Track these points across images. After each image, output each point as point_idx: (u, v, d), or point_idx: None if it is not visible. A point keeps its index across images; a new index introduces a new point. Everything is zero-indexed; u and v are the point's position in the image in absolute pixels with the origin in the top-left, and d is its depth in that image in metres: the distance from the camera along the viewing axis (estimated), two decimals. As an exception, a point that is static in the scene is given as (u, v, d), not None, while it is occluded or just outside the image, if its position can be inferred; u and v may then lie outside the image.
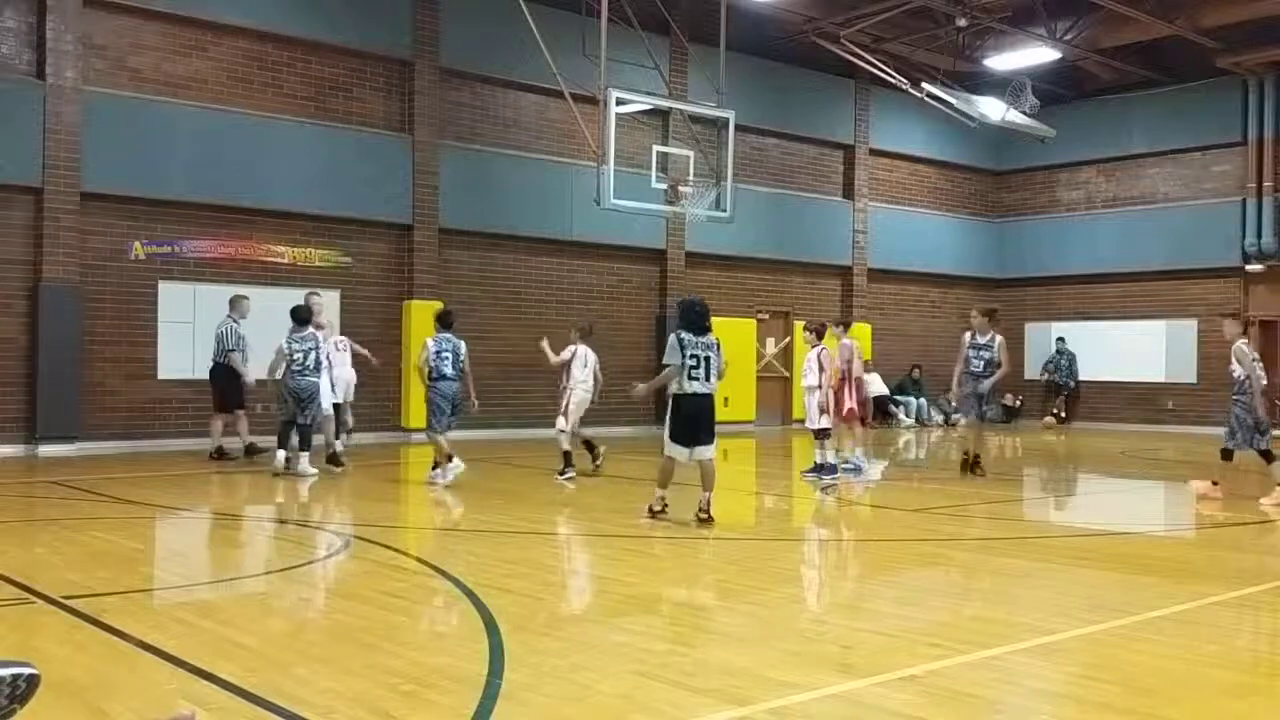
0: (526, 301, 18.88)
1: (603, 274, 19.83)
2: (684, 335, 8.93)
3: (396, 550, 7.81)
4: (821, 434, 12.73)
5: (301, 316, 12.36)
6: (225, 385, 13.77)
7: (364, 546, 7.86)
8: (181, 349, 15.34)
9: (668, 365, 8.95)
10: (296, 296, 15.53)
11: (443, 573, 6.84)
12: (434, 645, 5.14)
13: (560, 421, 12.32)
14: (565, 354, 12.41)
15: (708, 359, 8.95)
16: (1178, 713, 4.27)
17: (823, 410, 12.58)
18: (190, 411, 15.31)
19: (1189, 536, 9.96)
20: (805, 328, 13.17)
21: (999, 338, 12.98)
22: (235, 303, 14.01)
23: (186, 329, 15.43)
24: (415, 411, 17.40)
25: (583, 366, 12.34)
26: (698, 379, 8.90)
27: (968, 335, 13.07)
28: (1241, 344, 10.90)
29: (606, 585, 7.04)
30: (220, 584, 6.97)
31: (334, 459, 12.59)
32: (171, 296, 15.42)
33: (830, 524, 10.48)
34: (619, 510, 9.94)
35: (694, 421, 8.96)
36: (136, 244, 15.25)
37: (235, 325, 13.80)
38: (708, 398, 9.02)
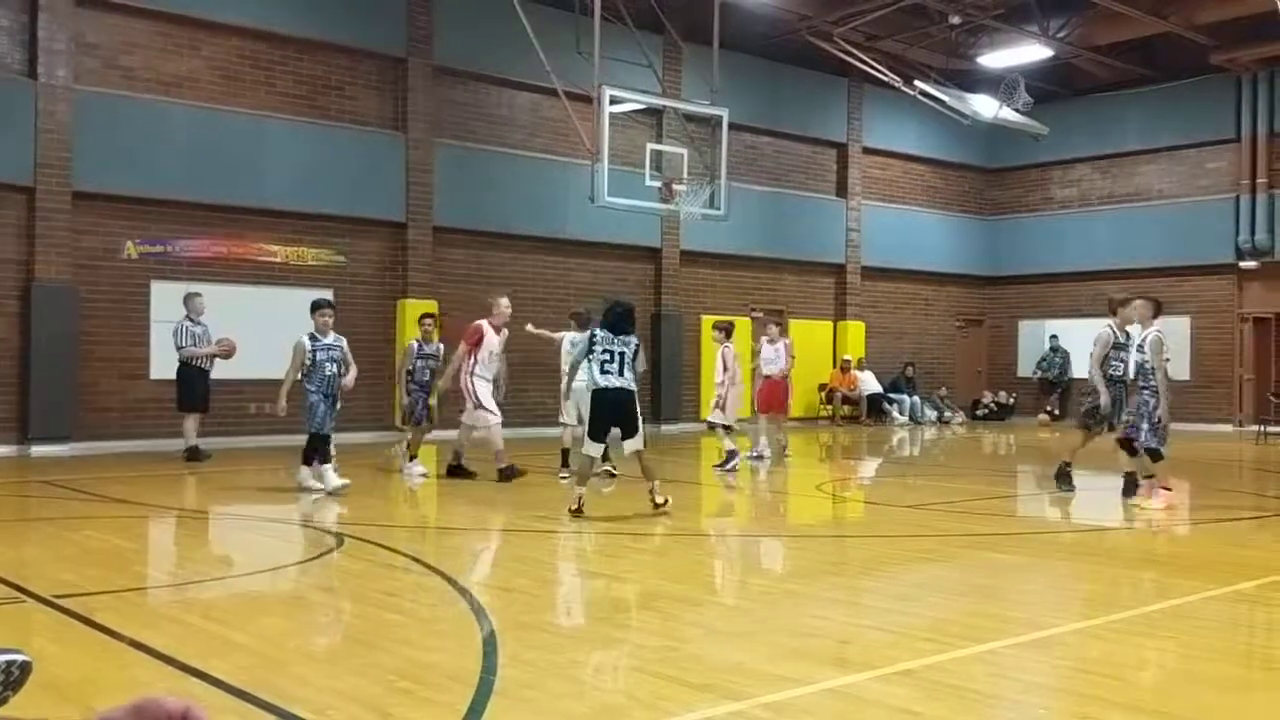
0: (522, 300, 18.75)
1: (598, 272, 19.82)
2: (598, 333, 9.31)
3: (391, 549, 7.78)
4: (725, 428, 13.02)
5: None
6: (190, 384, 13.73)
7: (358, 545, 7.84)
8: (174, 349, 15.29)
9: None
10: (290, 295, 15.54)
11: (438, 571, 6.82)
12: (429, 643, 5.12)
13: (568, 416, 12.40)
14: (560, 336, 12.61)
15: (621, 354, 9.21)
16: (1172, 706, 4.27)
17: (720, 406, 12.85)
18: (184, 411, 15.28)
19: (1183, 531, 9.96)
20: (714, 327, 13.53)
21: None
22: (188, 300, 13.96)
23: (180, 328, 15.39)
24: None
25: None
26: (610, 373, 9.15)
27: (1107, 331, 10.56)
28: (1158, 333, 9.99)
29: (603, 581, 7.03)
30: (213, 583, 6.94)
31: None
32: (164, 296, 15.35)
33: (826, 520, 10.47)
34: (616, 508, 9.93)
35: (607, 415, 9.18)
36: (129, 244, 15.21)
37: (188, 324, 13.75)
38: (621, 391, 9.22)
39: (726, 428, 13.12)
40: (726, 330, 13.51)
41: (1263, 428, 20.25)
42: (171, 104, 15.51)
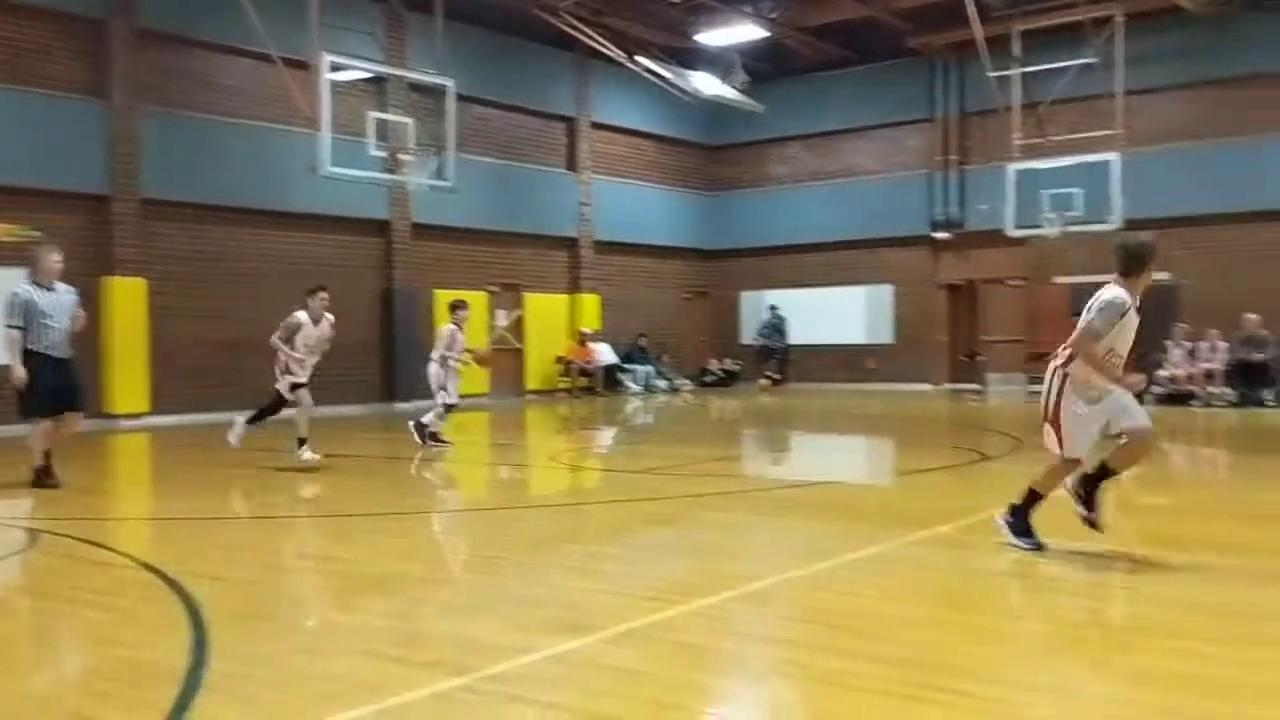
0: (244, 276, 17.95)
1: (325, 245, 19.14)
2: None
3: (96, 544, 7.26)
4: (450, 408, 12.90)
5: None
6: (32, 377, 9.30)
7: (57, 541, 7.27)
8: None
9: None
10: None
11: (149, 565, 6.42)
12: (135, 640, 4.82)
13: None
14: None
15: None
16: (876, 648, 4.59)
17: (442, 387, 12.62)
18: None
19: (890, 484, 10.75)
20: (453, 306, 13.10)
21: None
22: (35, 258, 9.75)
23: None
24: (121, 394, 16.26)
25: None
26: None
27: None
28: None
29: (331, 566, 6.84)
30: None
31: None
32: None
33: (561, 490, 10.60)
34: (352, 490, 9.69)
35: None
36: None
37: (18, 292, 9.45)
38: None
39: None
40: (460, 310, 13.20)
41: (955, 385, 22.12)
42: None
